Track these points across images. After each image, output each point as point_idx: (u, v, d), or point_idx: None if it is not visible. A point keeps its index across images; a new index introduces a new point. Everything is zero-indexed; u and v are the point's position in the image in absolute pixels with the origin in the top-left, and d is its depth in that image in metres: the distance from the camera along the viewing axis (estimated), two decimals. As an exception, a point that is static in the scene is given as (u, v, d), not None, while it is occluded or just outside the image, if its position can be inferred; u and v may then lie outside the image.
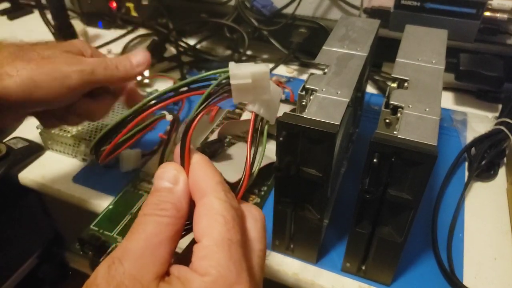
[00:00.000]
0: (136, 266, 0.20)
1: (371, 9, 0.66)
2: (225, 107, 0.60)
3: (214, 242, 0.21)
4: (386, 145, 0.29)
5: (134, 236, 0.21)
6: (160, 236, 0.21)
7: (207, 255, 0.21)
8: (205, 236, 0.22)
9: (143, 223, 0.22)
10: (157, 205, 0.22)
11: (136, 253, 0.21)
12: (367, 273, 0.39)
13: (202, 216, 0.22)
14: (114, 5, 0.83)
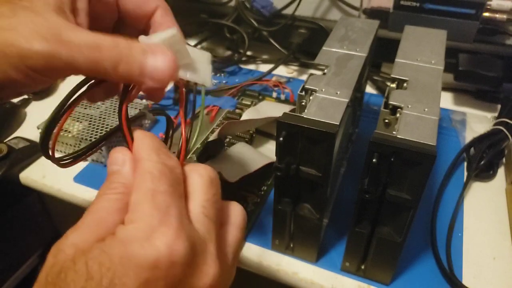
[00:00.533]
0: (80, 235, 0.21)
1: (371, 9, 0.66)
2: (225, 107, 0.60)
3: (139, 196, 0.21)
4: (386, 145, 0.30)
5: (84, 215, 0.22)
6: (107, 209, 0.22)
7: (132, 208, 0.21)
8: (133, 193, 0.22)
9: (94, 202, 0.22)
10: (108, 186, 0.23)
11: (82, 226, 0.21)
12: (367, 272, 0.39)
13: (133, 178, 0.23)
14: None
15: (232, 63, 0.71)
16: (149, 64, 0.23)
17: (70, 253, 0.20)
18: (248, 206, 0.46)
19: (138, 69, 0.23)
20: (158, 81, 0.23)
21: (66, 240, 0.21)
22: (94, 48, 0.22)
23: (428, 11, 0.60)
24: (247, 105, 0.62)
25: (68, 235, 0.21)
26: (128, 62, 0.22)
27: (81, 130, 0.52)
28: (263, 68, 0.72)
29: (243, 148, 0.50)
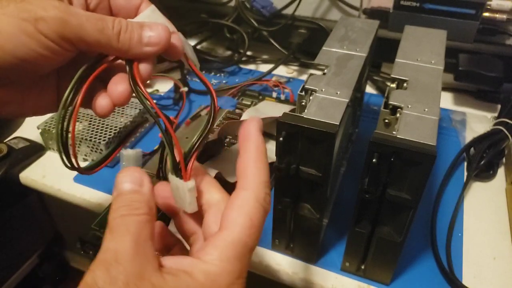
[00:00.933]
0: (135, 264, 0.20)
1: (371, 9, 0.66)
2: (225, 107, 0.60)
3: (232, 240, 0.22)
4: (386, 145, 0.30)
5: (120, 238, 0.21)
6: (144, 234, 0.22)
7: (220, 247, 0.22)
8: (229, 230, 0.22)
9: (124, 223, 0.22)
10: (130, 206, 0.22)
11: (129, 253, 0.20)
12: (367, 272, 0.39)
13: (233, 208, 0.23)
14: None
15: (232, 63, 0.71)
16: (146, 34, 0.26)
17: (137, 282, 0.20)
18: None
19: (137, 36, 0.26)
20: (155, 45, 0.27)
21: (120, 267, 0.20)
22: (99, 19, 0.25)
23: (428, 11, 0.60)
24: (247, 105, 0.62)
25: (117, 261, 0.20)
26: (128, 31, 0.26)
27: (81, 130, 0.52)
28: (263, 68, 0.72)
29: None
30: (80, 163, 0.29)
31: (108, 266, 0.20)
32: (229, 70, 0.72)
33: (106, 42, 0.25)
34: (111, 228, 0.22)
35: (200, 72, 0.29)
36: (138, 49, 0.26)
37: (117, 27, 0.25)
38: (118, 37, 0.25)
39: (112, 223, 0.22)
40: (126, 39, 0.26)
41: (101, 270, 0.20)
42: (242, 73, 0.72)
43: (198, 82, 0.69)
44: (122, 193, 0.23)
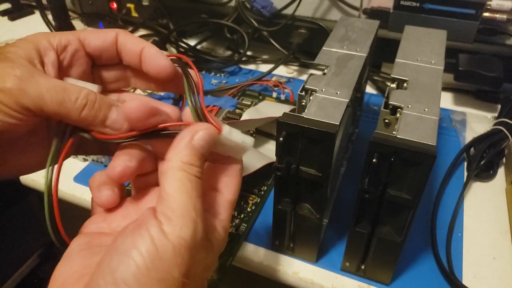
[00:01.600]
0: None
1: (371, 9, 0.66)
2: (225, 107, 0.61)
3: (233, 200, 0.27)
4: (386, 145, 0.30)
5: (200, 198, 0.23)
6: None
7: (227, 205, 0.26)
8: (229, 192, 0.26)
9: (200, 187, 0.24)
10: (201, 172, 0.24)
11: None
12: (367, 272, 0.39)
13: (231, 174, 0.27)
14: (114, 6, 0.83)
15: (232, 63, 0.71)
16: (112, 116, 0.26)
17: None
18: (248, 206, 0.46)
19: (102, 117, 0.25)
20: (116, 130, 0.26)
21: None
22: (61, 89, 0.24)
23: (428, 11, 0.60)
24: (247, 105, 0.62)
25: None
26: (94, 109, 0.25)
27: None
28: (263, 68, 0.72)
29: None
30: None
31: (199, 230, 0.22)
32: (229, 70, 0.72)
33: (65, 114, 0.24)
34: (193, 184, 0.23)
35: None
36: (99, 128, 0.26)
37: (81, 102, 0.24)
38: (80, 111, 0.25)
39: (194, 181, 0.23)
40: (89, 116, 0.25)
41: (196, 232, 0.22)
42: (242, 73, 0.72)
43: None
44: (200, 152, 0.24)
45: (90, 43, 0.29)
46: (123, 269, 0.20)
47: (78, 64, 0.29)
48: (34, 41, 0.26)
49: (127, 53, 0.29)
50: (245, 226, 0.44)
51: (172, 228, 0.21)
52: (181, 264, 0.21)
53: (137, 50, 0.28)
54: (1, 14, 0.93)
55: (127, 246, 0.21)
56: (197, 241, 0.22)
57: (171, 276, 0.20)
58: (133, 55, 0.29)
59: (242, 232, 0.43)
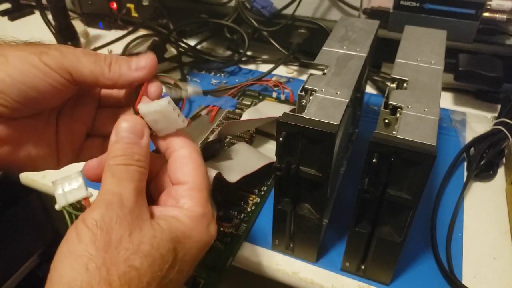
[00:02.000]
0: (136, 210, 0.24)
1: (371, 9, 0.66)
2: (225, 107, 0.61)
3: (196, 186, 0.27)
4: (386, 145, 0.30)
5: (125, 184, 0.25)
6: (142, 185, 0.26)
7: (192, 196, 0.27)
8: (190, 180, 0.27)
9: (128, 171, 0.25)
10: (132, 156, 0.26)
11: (133, 199, 0.24)
12: (367, 272, 0.39)
13: (186, 164, 0.28)
14: (114, 6, 0.83)
15: (232, 63, 0.71)
16: (133, 63, 0.29)
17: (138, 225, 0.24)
18: (248, 206, 0.46)
19: (126, 65, 0.29)
20: (142, 68, 0.29)
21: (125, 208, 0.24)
22: (92, 53, 0.28)
23: (428, 11, 0.60)
24: (247, 105, 0.62)
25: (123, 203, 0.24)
26: (118, 62, 0.29)
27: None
28: (263, 68, 0.72)
29: (243, 148, 0.50)
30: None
31: (115, 207, 0.23)
32: (229, 70, 0.72)
33: (99, 72, 0.28)
34: (114, 173, 0.25)
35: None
36: (128, 75, 0.29)
37: (108, 60, 0.29)
38: (109, 67, 0.28)
39: (115, 169, 0.25)
40: (116, 68, 0.29)
41: (108, 209, 0.23)
42: (242, 73, 0.72)
43: (198, 82, 0.69)
44: (122, 142, 0.26)
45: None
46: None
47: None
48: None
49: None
50: (245, 226, 0.44)
51: (87, 212, 0.23)
52: (95, 241, 0.22)
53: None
54: (1, 14, 0.93)
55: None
56: (112, 218, 0.23)
57: (88, 253, 0.22)
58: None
59: (242, 232, 0.43)
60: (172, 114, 0.28)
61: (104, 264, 0.22)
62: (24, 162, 0.30)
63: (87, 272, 0.21)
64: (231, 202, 0.46)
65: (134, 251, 0.23)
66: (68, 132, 0.32)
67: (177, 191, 0.27)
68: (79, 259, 0.22)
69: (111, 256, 0.22)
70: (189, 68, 0.72)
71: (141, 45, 0.78)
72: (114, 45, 0.79)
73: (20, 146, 0.29)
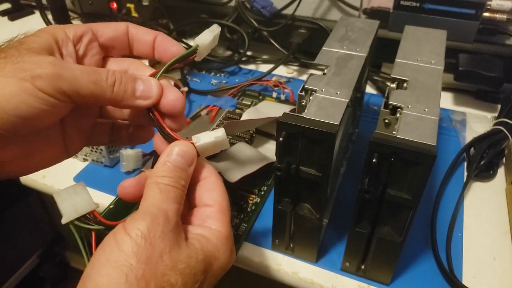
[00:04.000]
0: (177, 228, 0.25)
1: (371, 9, 0.67)
2: (225, 107, 0.61)
3: (223, 210, 0.28)
4: (386, 145, 0.30)
5: (171, 202, 0.26)
6: (182, 207, 0.27)
7: (219, 218, 0.28)
8: (217, 204, 0.28)
9: (174, 192, 0.26)
10: (179, 181, 0.27)
11: (175, 218, 0.25)
12: (367, 272, 0.39)
13: (215, 189, 0.29)
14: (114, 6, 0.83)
15: (232, 63, 0.71)
16: (139, 88, 0.28)
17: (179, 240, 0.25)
18: (248, 206, 0.46)
19: (131, 90, 0.27)
20: (146, 98, 0.28)
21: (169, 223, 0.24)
22: (92, 72, 0.26)
23: (428, 11, 0.60)
24: (247, 105, 0.62)
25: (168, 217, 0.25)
26: (123, 83, 0.27)
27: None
28: (263, 68, 0.72)
29: (243, 148, 0.50)
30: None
31: (160, 222, 0.24)
32: (229, 70, 0.72)
33: (100, 94, 0.26)
34: (161, 190, 0.26)
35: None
36: (131, 101, 0.27)
37: (111, 79, 0.26)
38: (112, 88, 0.26)
39: (162, 187, 0.26)
40: (120, 91, 0.27)
41: (154, 223, 0.24)
42: (242, 73, 0.72)
43: (198, 82, 0.69)
44: (173, 164, 0.27)
45: (103, 34, 0.30)
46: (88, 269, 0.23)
47: (92, 54, 0.30)
48: (52, 33, 0.27)
49: (140, 43, 0.30)
50: (245, 226, 0.44)
51: (130, 222, 0.24)
52: (137, 252, 0.22)
53: (150, 39, 0.30)
54: (1, 14, 0.93)
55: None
56: (156, 232, 0.23)
57: (128, 263, 0.22)
58: (146, 43, 0.30)
59: (242, 232, 0.43)
60: (223, 142, 0.29)
61: (143, 276, 0.22)
62: (34, 167, 0.30)
63: (126, 283, 0.21)
64: (231, 202, 0.46)
65: (172, 267, 0.23)
66: (75, 127, 0.31)
67: (204, 212, 0.28)
68: (119, 268, 0.22)
69: (151, 269, 0.22)
70: (189, 68, 0.72)
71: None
72: (114, 45, 0.79)
73: (27, 157, 0.28)
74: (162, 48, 0.30)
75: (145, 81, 0.28)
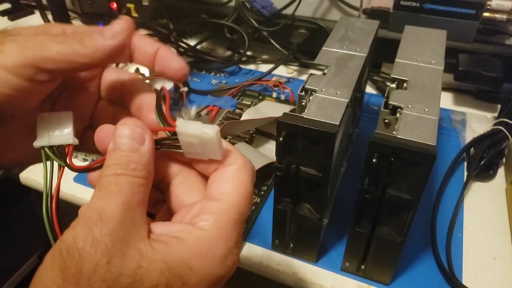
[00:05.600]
0: (122, 228, 0.19)
1: (371, 9, 0.66)
2: (225, 107, 0.61)
3: (230, 207, 0.22)
4: (385, 145, 0.30)
5: (109, 197, 0.20)
6: (137, 198, 0.21)
7: (219, 216, 0.21)
8: (226, 198, 0.22)
9: (117, 183, 0.21)
10: (127, 165, 0.21)
11: (117, 215, 0.19)
12: (367, 272, 0.39)
13: (228, 179, 0.23)
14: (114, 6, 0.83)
15: (232, 63, 0.71)
16: (108, 30, 0.24)
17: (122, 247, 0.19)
18: (248, 206, 0.46)
19: (100, 35, 0.24)
20: (118, 34, 0.24)
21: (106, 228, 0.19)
22: (58, 35, 0.24)
23: (428, 11, 0.60)
24: (247, 105, 0.62)
25: (103, 221, 0.19)
26: (90, 33, 0.24)
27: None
28: (263, 68, 0.72)
29: (243, 148, 0.50)
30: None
31: (92, 226, 0.19)
32: (229, 70, 0.72)
33: (69, 50, 0.23)
34: (101, 185, 0.21)
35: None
36: (104, 46, 0.24)
37: (78, 35, 0.24)
38: (80, 42, 0.23)
39: (103, 180, 0.21)
40: (89, 41, 0.23)
41: (83, 228, 0.19)
42: (242, 73, 0.72)
43: (198, 82, 0.69)
44: (119, 149, 0.22)
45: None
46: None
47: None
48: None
49: (140, 53, 0.28)
50: (245, 226, 0.44)
51: (65, 232, 0.20)
52: (64, 269, 0.18)
53: (152, 51, 0.27)
54: (1, 14, 0.93)
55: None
56: (87, 240, 0.18)
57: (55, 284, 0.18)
58: (146, 55, 0.28)
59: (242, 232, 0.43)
60: (214, 145, 0.23)
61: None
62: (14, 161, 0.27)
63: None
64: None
65: (111, 283, 0.18)
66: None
67: (204, 205, 0.22)
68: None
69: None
70: (189, 68, 0.72)
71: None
72: (114, 45, 0.79)
73: (15, 146, 0.26)
74: (163, 63, 0.27)
75: (112, 23, 0.25)
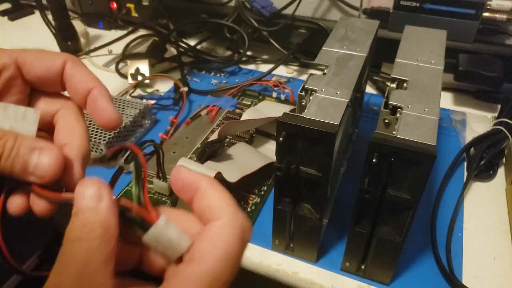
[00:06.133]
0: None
1: (371, 9, 0.67)
2: (225, 107, 0.61)
3: (202, 272, 0.19)
4: (385, 145, 0.30)
5: (64, 269, 0.19)
6: (93, 262, 0.19)
7: (187, 280, 0.19)
8: (196, 262, 0.19)
9: (71, 252, 0.19)
10: (83, 228, 0.20)
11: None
12: (367, 272, 0.39)
13: (205, 239, 0.20)
14: (114, 6, 0.83)
15: (232, 63, 0.71)
16: (33, 160, 0.21)
17: None
18: (248, 206, 0.46)
19: (22, 164, 0.21)
20: (39, 177, 0.22)
21: None
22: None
23: (428, 11, 0.60)
24: (247, 105, 0.62)
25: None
26: (11, 157, 0.21)
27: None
28: (263, 68, 0.72)
29: (243, 148, 0.50)
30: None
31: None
32: (229, 70, 0.72)
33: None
34: (60, 256, 0.19)
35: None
36: (22, 177, 0.21)
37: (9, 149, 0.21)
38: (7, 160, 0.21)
39: (62, 250, 0.20)
40: (7, 166, 0.21)
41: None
42: (242, 73, 0.72)
43: (198, 82, 0.69)
44: (76, 211, 0.20)
45: (31, 70, 0.24)
46: None
47: (13, 92, 0.24)
48: None
49: (72, 89, 0.25)
50: (245, 226, 0.44)
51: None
52: None
53: (84, 89, 0.24)
54: (1, 14, 0.93)
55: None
56: None
57: None
58: (78, 93, 0.25)
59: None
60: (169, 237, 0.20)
61: None
62: None
63: None
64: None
65: None
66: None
67: (174, 271, 0.20)
68: None
69: None
70: (189, 68, 0.72)
71: (141, 45, 0.78)
72: (114, 45, 0.79)
73: None
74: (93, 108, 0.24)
75: (42, 153, 0.21)
